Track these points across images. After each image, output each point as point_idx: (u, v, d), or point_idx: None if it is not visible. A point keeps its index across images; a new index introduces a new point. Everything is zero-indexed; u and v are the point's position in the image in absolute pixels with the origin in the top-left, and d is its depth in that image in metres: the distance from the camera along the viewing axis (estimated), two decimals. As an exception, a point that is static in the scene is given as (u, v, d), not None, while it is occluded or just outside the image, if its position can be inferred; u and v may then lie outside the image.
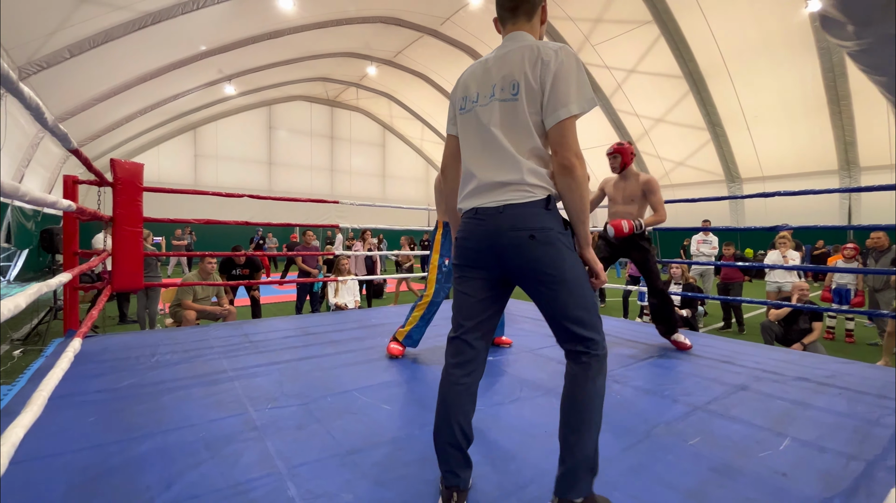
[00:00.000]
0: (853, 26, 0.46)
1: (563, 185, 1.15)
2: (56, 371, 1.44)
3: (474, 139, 1.24)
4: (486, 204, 1.19)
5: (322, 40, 13.18)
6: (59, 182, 3.87)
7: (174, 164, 17.05)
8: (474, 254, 1.22)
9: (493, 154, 1.19)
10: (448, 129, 1.38)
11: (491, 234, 1.17)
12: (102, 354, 2.56)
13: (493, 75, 1.21)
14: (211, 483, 1.30)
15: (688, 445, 1.59)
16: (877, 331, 5.57)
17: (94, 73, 9.20)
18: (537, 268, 1.13)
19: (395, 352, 2.64)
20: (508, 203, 1.15)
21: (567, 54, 1.13)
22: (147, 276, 4.89)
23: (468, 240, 1.23)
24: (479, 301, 1.24)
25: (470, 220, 1.23)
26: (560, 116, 1.11)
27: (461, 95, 1.30)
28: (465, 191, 1.26)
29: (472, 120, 1.24)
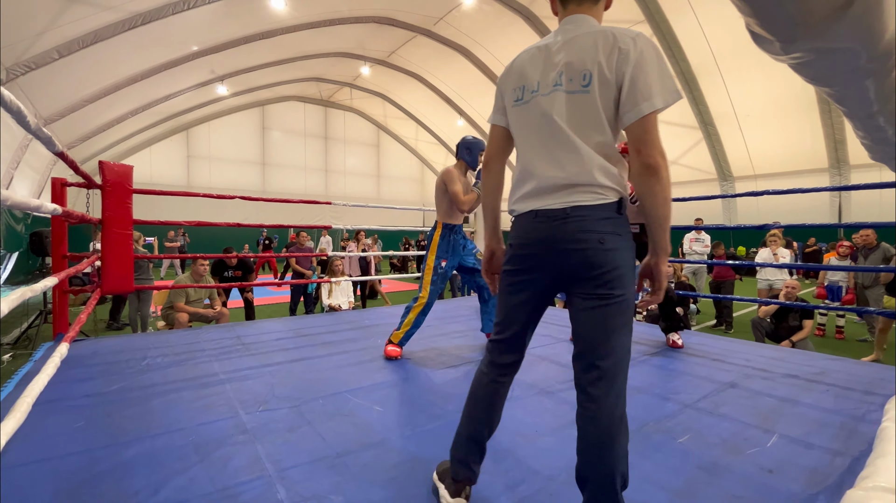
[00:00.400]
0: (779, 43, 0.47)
1: (645, 186, 1.02)
2: (41, 376, 1.43)
3: (534, 133, 1.13)
4: (548, 206, 1.08)
5: (315, 40, 13.13)
6: (49, 185, 3.87)
7: (166, 166, 16.92)
8: (530, 259, 1.13)
9: (557, 150, 1.08)
10: (495, 119, 1.26)
11: (553, 238, 1.07)
12: (92, 358, 2.54)
13: (556, 62, 1.08)
14: (200, 487, 1.29)
15: (677, 443, 1.60)
16: (866, 327, 5.63)
17: (84, 74, 9.11)
18: (599, 277, 1.03)
19: (394, 354, 2.62)
20: (576, 205, 1.04)
21: (646, 42, 1.02)
22: (138, 279, 4.86)
23: (525, 244, 1.13)
24: (528, 307, 1.17)
25: (527, 223, 1.13)
26: (643, 111, 0.99)
27: (516, 84, 1.17)
28: (522, 191, 1.15)
29: (532, 112, 1.12)
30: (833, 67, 0.55)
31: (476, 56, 15.02)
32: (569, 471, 1.41)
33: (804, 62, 0.58)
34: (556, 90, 1.08)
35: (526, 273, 1.15)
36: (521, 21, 12.86)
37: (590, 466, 1.04)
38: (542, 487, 1.33)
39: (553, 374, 2.39)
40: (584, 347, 1.06)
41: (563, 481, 1.36)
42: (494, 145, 1.27)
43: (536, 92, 1.11)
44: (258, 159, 19.23)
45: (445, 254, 2.73)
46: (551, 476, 1.39)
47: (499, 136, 1.26)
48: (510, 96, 1.19)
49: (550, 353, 2.81)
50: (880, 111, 1.37)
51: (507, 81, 1.21)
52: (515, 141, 1.21)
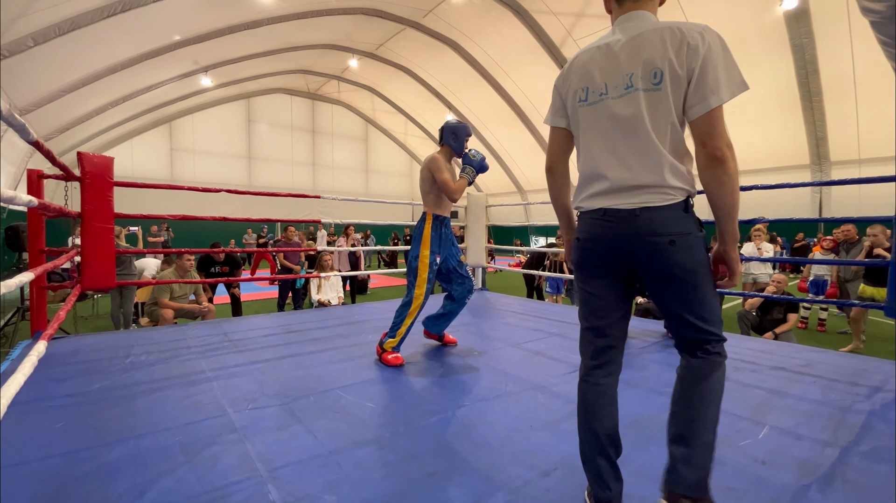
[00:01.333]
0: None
1: (711, 177, 1.04)
2: (18, 376, 1.36)
3: (603, 135, 1.13)
4: (617, 205, 1.10)
5: (302, 31, 12.89)
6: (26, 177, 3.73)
7: (148, 159, 16.50)
8: (599, 257, 1.15)
9: (628, 152, 1.09)
10: (554, 121, 1.25)
11: (624, 237, 1.09)
12: (72, 356, 2.46)
13: (623, 62, 1.08)
14: (187, 488, 1.25)
15: (670, 436, 1.61)
16: (846, 320, 5.78)
17: (61, 63, 8.80)
18: (673, 272, 1.06)
19: (397, 362, 2.41)
20: (646, 206, 1.06)
21: (713, 35, 1.03)
22: (120, 275, 4.73)
23: (595, 241, 1.15)
24: (610, 301, 1.18)
25: (595, 222, 1.14)
26: (710, 105, 1.01)
27: (581, 85, 1.16)
28: (590, 190, 1.16)
29: (601, 114, 1.12)
30: None
31: (465, 50, 14.92)
32: (564, 465, 1.41)
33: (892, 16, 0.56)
34: (628, 92, 1.08)
35: (596, 267, 1.17)
36: (510, 15, 12.80)
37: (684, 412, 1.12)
38: (538, 482, 1.32)
39: (546, 369, 2.38)
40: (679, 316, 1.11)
41: (558, 476, 1.35)
42: (556, 147, 1.28)
43: (605, 94, 1.11)
44: (244, 153, 18.89)
45: (439, 249, 2.58)
46: (546, 471, 1.38)
47: (560, 138, 1.26)
48: (573, 97, 1.18)
49: (543, 348, 2.80)
50: None
51: (567, 82, 1.20)
52: (580, 141, 1.20)
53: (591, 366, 1.21)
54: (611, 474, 1.17)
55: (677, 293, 1.09)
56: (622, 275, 1.16)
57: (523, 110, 16.67)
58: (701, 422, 1.10)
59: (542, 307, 4.48)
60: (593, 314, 1.20)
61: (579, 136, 1.20)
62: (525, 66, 14.62)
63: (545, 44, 13.47)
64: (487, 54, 14.85)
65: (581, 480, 1.33)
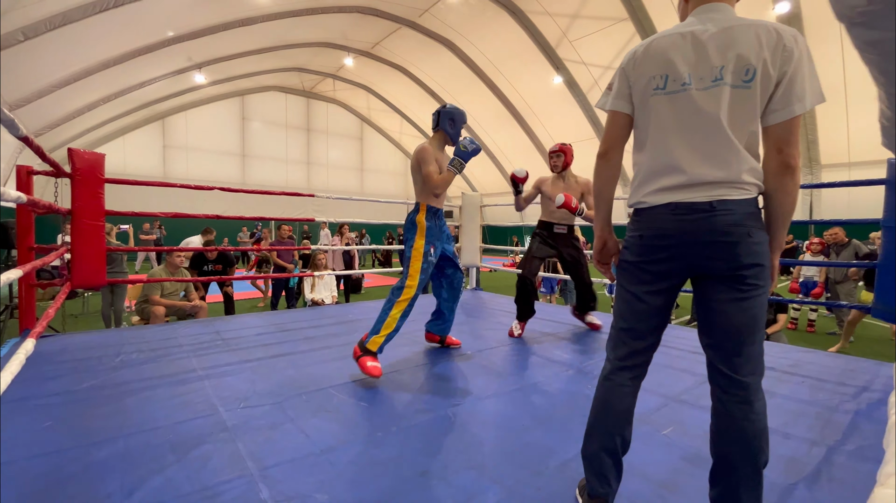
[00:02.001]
0: None
1: (780, 184, 1.04)
2: (5, 374, 1.35)
3: (681, 126, 1.08)
4: (690, 199, 1.06)
5: (297, 29, 12.82)
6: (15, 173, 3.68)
7: (141, 156, 16.33)
8: (665, 251, 1.10)
9: (709, 146, 1.05)
10: (617, 105, 1.18)
11: (698, 230, 1.05)
12: (61, 355, 2.43)
13: (712, 53, 1.04)
14: (177, 488, 1.24)
15: (661, 435, 1.62)
16: (836, 321, 5.85)
17: (52, 58, 8.68)
18: (742, 268, 1.02)
19: (374, 372, 2.11)
20: (722, 199, 1.03)
21: (804, 42, 1.01)
22: (111, 272, 4.69)
23: (662, 238, 1.10)
24: (657, 303, 1.15)
25: (663, 216, 1.09)
26: (794, 111, 1.00)
27: (657, 72, 1.09)
28: (658, 184, 1.10)
29: (682, 104, 1.07)
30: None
31: (461, 49, 14.93)
32: (556, 464, 1.42)
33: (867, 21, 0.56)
34: (717, 84, 1.03)
35: (657, 264, 1.12)
36: (505, 15, 12.83)
37: (739, 450, 1.04)
38: (530, 481, 1.33)
39: (539, 369, 2.39)
40: (728, 337, 1.05)
41: (549, 475, 1.36)
42: (616, 133, 1.20)
43: (689, 84, 1.06)
44: (238, 150, 18.76)
45: (434, 239, 2.40)
46: (538, 470, 1.39)
47: (621, 124, 1.19)
48: (646, 83, 1.11)
49: (536, 348, 2.82)
50: None
51: (640, 67, 1.12)
52: (650, 131, 1.13)
53: (619, 366, 1.19)
54: (614, 472, 1.17)
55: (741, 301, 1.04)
56: (678, 277, 1.12)
57: (518, 110, 16.70)
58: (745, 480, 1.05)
59: (537, 307, 4.49)
60: (635, 316, 1.17)
61: (649, 125, 1.13)
62: (520, 66, 14.65)
63: (540, 44, 13.51)
64: (483, 54, 14.87)
65: (572, 479, 1.34)
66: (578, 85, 14.52)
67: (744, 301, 1.03)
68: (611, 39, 12.52)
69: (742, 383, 1.04)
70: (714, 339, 1.08)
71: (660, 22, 11.62)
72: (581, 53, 13.41)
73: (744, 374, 1.04)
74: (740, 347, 1.04)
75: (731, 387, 1.05)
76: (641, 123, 1.16)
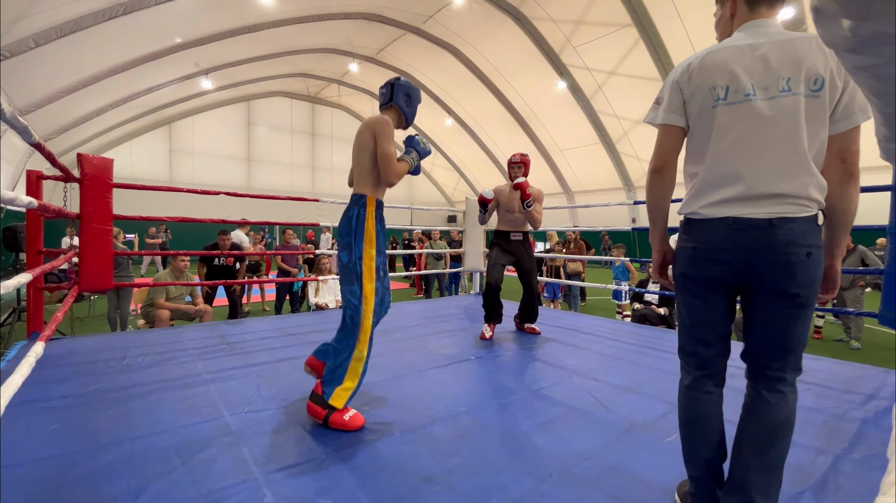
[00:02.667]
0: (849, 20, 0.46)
1: (843, 193, 1.07)
2: (15, 377, 1.37)
3: (745, 137, 1.07)
4: (751, 214, 1.05)
5: (303, 35, 12.96)
6: (24, 178, 3.73)
7: (148, 160, 16.50)
8: (720, 265, 1.10)
9: (775, 157, 1.04)
10: (671, 118, 1.17)
11: (755, 247, 1.05)
12: (68, 358, 2.45)
13: (775, 64, 1.05)
14: (182, 491, 1.25)
15: (665, 442, 1.62)
16: (842, 328, 5.80)
17: (62, 64, 8.82)
18: (797, 287, 1.04)
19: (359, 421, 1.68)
20: (783, 216, 1.03)
21: None
22: (118, 276, 4.72)
23: (718, 251, 1.10)
24: (722, 311, 1.15)
25: (721, 230, 1.09)
26: (858, 121, 1.03)
27: (717, 83, 1.09)
28: (717, 196, 1.10)
29: (746, 115, 1.06)
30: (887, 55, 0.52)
31: (465, 55, 15.01)
32: (560, 471, 1.41)
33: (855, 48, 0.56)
34: (785, 94, 1.04)
35: (712, 277, 1.13)
36: (510, 21, 12.90)
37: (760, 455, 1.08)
38: (534, 488, 1.32)
39: (542, 375, 2.39)
40: (771, 346, 1.09)
41: (553, 482, 1.36)
42: (670, 147, 1.19)
43: (753, 95, 1.06)
44: (243, 155, 18.91)
45: (384, 249, 1.85)
46: (542, 477, 1.38)
47: (676, 138, 1.19)
48: (705, 95, 1.11)
49: (539, 353, 2.81)
50: None
51: (695, 80, 1.13)
52: (710, 141, 1.12)
53: (698, 376, 1.20)
54: (721, 479, 1.17)
55: (789, 315, 1.06)
56: (734, 288, 1.13)
57: (522, 115, 16.75)
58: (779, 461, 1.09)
59: (539, 312, 4.49)
60: (699, 325, 1.18)
61: (708, 136, 1.12)
62: (524, 72, 14.71)
63: (544, 50, 13.57)
64: (487, 60, 14.94)
65: (576, 486, 1.34)
66: (582, 90, 14.56)
67: (797, 318, 1.06)
68: (614, 45, 12.56)
69: (784, 379, 1.10)
70: (762, 348, 1.11)
71: (663, 28, 11.66)
72: (585, 59, 13.45)
73: (787, 372, 1.10)
74: (787, 355, 1.09)
75: (771, 383, 1.11)
76: (698, 134, 1.15)
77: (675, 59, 12.26)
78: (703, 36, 11.36)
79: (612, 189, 16.84)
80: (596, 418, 1.81)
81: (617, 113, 14.73)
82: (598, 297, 9.27)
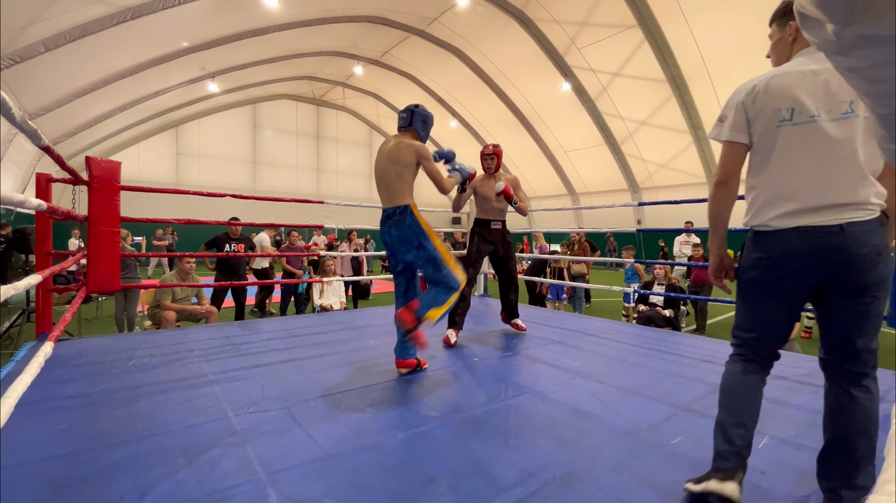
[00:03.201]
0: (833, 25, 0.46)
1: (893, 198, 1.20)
2: (24, 376, 1.39)
3: (809, 155, 1.19)
4: (819, 222, 1.16)
5: (308, 39, 13.05)
6: (34, 181, 3.78)
7: (155, 163, 16.67)
8: (793, 271, 1.20)
9: (841, 171, 1.15)
10: (736, 136, 1.29)
11: (827, 252, 1.15)
12: (76, 358, 2.48)
13: (835, 89, 1.16)
14: (187, 491, 1.26)
15: (670, 444, 1.61)
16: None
17: (71, 69, 8.95)
18: (870, 285, 1.14)
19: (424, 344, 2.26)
20: (851, 221, 1.13)
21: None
22: (125, 278, 4.77)
23: (788, 257, 1.20)
24: (786, 314, 1.26)
25: (791, 240, 1.19)
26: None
27: (782, 105, 1.21)
28: (783, 209, 1.21)
29: (811, 134, 1.18)
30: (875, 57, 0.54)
31: (469, 57, 15.05)
32: (563, 473, 1.41)
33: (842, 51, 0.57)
34: (847, 117, 1.15)
35: (788, 283, 1.22)
36: (514, 23, 12.92)
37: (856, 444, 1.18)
38: (537, 489, 1.32)
39: (546, 376, 2.38)
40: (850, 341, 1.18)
41: (557, 484, 1.35)
42: (735, 162, 1.30)
43: (817, 117, 1.17)
44: (249, 158, 19.05)
45: None
46: (546, 479, 1.38)
47: (740, 154, 1.29)
48: (770, 116, 1.22)
49: (543, 355, 2.81)
50: None
51: (760, 101, 1.24)
52: (774, 158, 1.23)
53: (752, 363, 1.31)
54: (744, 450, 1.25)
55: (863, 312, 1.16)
56: (804, 295, 1.22)
57: (527, 117, 16.75)
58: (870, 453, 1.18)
59: (543, 314, 4.48)
60: (763, 326, 1.28)
61: (772, 153, 1.23)
62: (528, 74, 14.72)
63: (548, 51, 13.57)
64: (491, 62, 14.97)
65: (580, 488, 1.33)
66: (587, 91, 14.54)
67: (869, 312, 1.16)
68: (619, 46, 12.54)
69: (865, 374, 1.19)
70: (839, 342, 1.21)
71: (667, 28, 11.62)
72: (589, 60, 13.44)
73: (869, 368, 1.19)
74: (865, 346, 1.18)
75: (855, 378, 1.19)
76: (762, 151, 1.25)
77: (681, 60, 12.22)
78: (708, 36, 11.31)
79: (617, 190, 16.79)
80: (600, 420, 1.80)
81: (622, 114, 14.69)
82: (603, 299, 9.23)
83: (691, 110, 13.26)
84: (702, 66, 12.11)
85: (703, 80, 12.40)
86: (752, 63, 11.30)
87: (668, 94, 13.09)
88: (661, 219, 15.69)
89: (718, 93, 12.56)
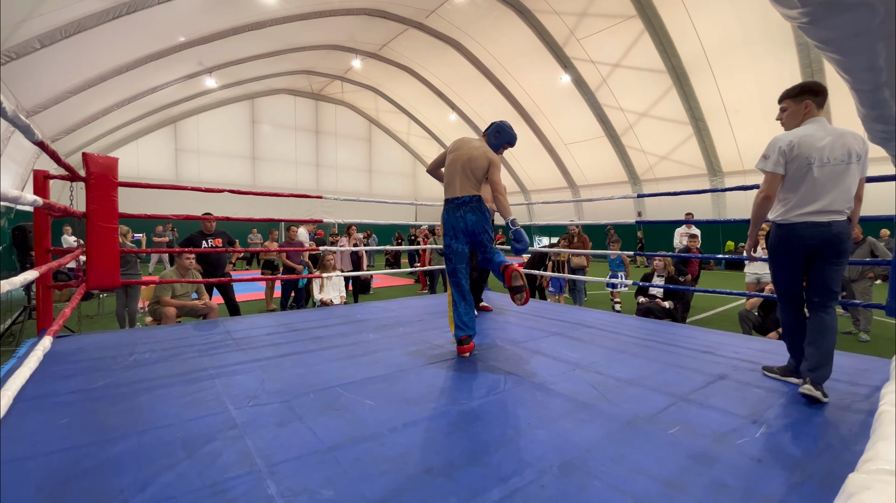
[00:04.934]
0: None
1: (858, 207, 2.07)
2: (24, 372, 1.39)
3: (823, 183, 1.94)
4: (819, 220, 1.95)
5: (306, 32, 12.96)
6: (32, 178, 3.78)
7: (154, 159, 16.64)
8: (805, 248, 2.00)
9: (838, 194, 1.94)
10: (777, 169, 2.00)
11: (823, 236, 1.95)
12: (77, 354, 2.49)
13: (837, 146, 1.93)
14: (188, 483, 1.27)
15: (668, 434, 1.62)
16: (851, 320, 5.74)
17: (67, 65, 8.89)
18: (842, 255, 1.97)
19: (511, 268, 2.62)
20: (835, 220, 1.95)
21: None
22: (125, 274, 4.77)
23: (801, 238, 1.99)
24: (799, 273, 2.07)
25: (803, 228, 1.98)
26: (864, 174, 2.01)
27: (809, 154, 1.94)
28: (805, 210, 1.97)
29: (826, 172, 1.93)
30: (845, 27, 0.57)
31: (468, 50, 14.94)
32: (561, 464, 1.42)
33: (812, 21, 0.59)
34: (844, 163, 1.93)
35: (798, 253, 2.03)
36: (513, 15, 12.81)
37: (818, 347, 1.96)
38: (534, 479, 1.33)
39: (545, 368, 2.39)
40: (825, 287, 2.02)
41: (554, 474, 1.36)
42: (775, 185, 2.03)
43: (828, 163, 1.94)
44: (248, 153, 19.00)
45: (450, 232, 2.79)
46: (543, 469, 1.39)
47: (777, 180, 2.03)
48: (801, 161, 1.96)
49: (542, 347, 2.81)
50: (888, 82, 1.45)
51: (796, 152, 1.96)
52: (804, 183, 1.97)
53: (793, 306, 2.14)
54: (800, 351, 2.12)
55: (834, 270, 1.99)
56: (806, 258, 2.03)
57: (526, 110, 16.65)
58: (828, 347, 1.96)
59: (544, 306, 4.49)
60: (791, 283, 2.11)
61: (803, 181, 1.97)
62: (528, 65, 14.62)
63: (548, 43, 13.47)
64: (490, 54, 14.86)
65: (577, 478, 1.34)
66: (587, 83, 14.44)
67: (838, 269, 2.01)
68: (619, 37, 12.44)
69: (830, 306, 2.02)
70: (818, 287, 2.03)
71: (668, 18, 11.52)
72: (589, 51, 13.34)
73: (831, 301, 2.02)
74: (832, 290, 2.02)
75: (823, 309, 2.01)
76: (794, 179, 2.00)
77: (681, 51, 12.13)
78: (708, 26, 11.21)
79: (617, 183, 16.73)
80: (598, 410, 1.81)
81: (622, 106, 14.60)
82: (598, 292, 9.24)
83: (692, 101, 13.18)
84: (702, 57, 12.01)
85: (703, 70, 12.32)
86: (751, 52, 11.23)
87: (668, 84, 13.00)
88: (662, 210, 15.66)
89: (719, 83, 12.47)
